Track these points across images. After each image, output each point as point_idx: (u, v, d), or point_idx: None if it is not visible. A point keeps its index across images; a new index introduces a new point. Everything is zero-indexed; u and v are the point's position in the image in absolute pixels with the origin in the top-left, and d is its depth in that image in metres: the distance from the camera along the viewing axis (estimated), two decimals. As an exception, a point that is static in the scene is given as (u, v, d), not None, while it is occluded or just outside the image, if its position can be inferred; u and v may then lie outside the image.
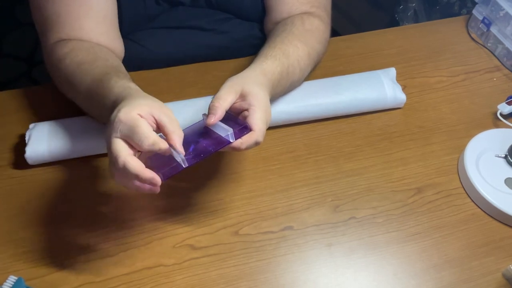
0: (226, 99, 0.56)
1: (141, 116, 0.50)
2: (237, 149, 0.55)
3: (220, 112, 0.55)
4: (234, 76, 0.60)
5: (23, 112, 0.75)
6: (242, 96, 0.57)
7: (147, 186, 0.51)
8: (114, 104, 0.54)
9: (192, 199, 0.66)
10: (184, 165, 0.51)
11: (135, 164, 0.49)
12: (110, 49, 0.70)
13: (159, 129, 0.52)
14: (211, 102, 0.56)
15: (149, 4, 0.76)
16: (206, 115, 0.56)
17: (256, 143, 0.55)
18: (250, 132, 0.55)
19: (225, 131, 0.54)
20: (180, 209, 0.64)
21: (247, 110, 0.57)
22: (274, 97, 0.67)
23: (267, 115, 0.57)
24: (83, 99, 0.65)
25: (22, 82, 1.62)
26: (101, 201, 0.65)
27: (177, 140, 0.51)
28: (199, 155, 0.53)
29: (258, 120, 0.55)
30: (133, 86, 0.58)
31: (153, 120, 0.51)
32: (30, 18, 0.70)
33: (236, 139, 0.54)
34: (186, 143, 0.52)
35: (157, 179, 0.50)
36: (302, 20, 0.73)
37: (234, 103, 0.57)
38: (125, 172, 0.49)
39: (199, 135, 0.57)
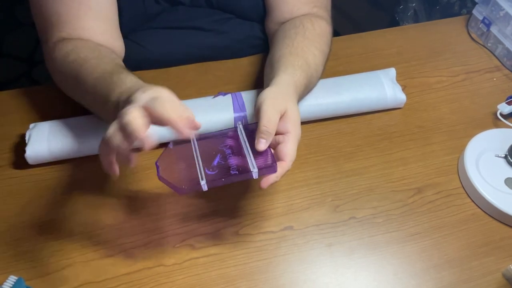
0: (276, 121, 0.54)
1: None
2: (274, 182, 0.54)
3: (272, 138, 0.54)
4: (273, 88, 0.57)
5: (23, 112, 0.75)
6: (282, 117, 0.55)
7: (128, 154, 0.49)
8: (126, 92, 0.53)
9: (192, 199, 0.66)
10: (204, 188, 0.51)
11: (142, 122, 0.46)
12: (110, 49, 0.70)
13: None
14: (261, 124, 0.53)
15: (149, 4, 0.76)
16: (241, 124, 0.55)
17: (289, 168, 0.55)
18: (282, 163, 0.54)
19: (252, 166, 0.53)
20: (180, 209, 0.64)
21: (282, 134, 0.55)
22: (301, 100, 0.67)
23: (298, 138, 0.56)
24: (88, 93, 0.64)
25: (22, 82, 1.62)
26: (101, 201, 0.65)
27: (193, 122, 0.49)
28: (221, 179, 0.52)
29: (291, 151, 0.54)
30: (143, 83, 0.57)
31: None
32: (30, 18, 0.70)
33: (259, 175, 0.53)
34: (212, 149, 0.52)
35: (150, 142, 0.47)
36: (312, 23, 0.72)
37: None
38: (126, 127, 0.46)
39: (228, 147, 0.56)
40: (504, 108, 0.74)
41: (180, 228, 0.63)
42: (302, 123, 0.73)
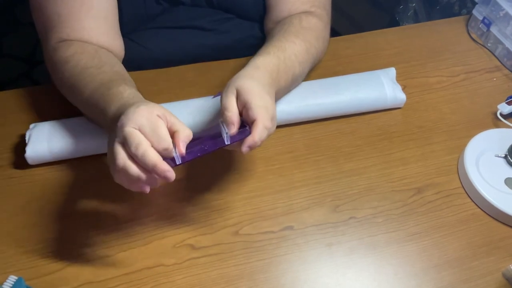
0: (232, 104, 0.55)
1: (159, 117, 0.50)
2: (254, 145, 0.53)
3: (236, 119, 0.54)
4: (230, 79, 0.59)
5: (23, 112, 0.75)
6: (238, 95, 0.56)
7: (153, 181, 0.51)
8: (123, 107, 0.53)
9: (192, 199, 0.66)
10: (178, 161, 0.51)
11: (155, 154, 0.48)
12: (110, 49, 0.70)
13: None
14: (224, 114, 0.55)
15: (149, 4, 0.76)
16: (222, 122, 0.56)
17: (267, 128, 0.54)
18: (256, 122, 0.53)
19: (224, 132, 0.54)
20: (180, 209, 0.64)
21: (245, 107, 0.56)
22: (279, 91, 0.65)
23: (266, 102, 0.55)
24: (85, 102, 0.64)
25: (22, 82, 1.62)
26: (101, 201, 0.65)
27: (183, 139, 0.50)
28: (194, 153, 0.53)
29: (258, 108, 0.54)
30: (141, 96, 0.58)
31: (166, 122, 0.51)
32: (30, 18, 0.70)
33: (235, 140, 0.54)
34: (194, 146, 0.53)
35: (172, 174, 0.49)
36: (299, 18, 0.72)
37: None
38: (142, 162, 0.48)
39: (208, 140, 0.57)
40: (504, 108, 0.74)
41: (180, 228, 0.63)
42: (302, 123, 0.74)
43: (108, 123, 0.55)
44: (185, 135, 0.51)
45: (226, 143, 0.54)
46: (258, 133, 0.53)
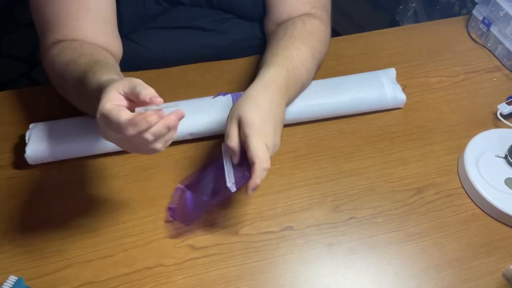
0: (233, 134, 0.57)
1: (115, 102, 0.48)
2: (257, 187, 0.55)
3: (237, 149, 0.57)
4: (234, 103, 0.60)
5: (23, 112, 0.75)
6: (240, 125, 0.58)
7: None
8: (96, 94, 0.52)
9: (192, 199, 0.66)
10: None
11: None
12: (107, 50, 0.70)
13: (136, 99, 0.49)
14: (226, 143, 0.58)
15: (149, 4, 0.76)
16: (225, 144, 0.59)
17: (264, 170, 0.55)
18: (254, 166, 0.55)
19: (229, 181, 0.58)
20: (180, 209, 0.65)
21: (244, 141, 0.57)
22: (290, 100, 0.67)
23: (266, 138, 0.57)
24: (76, 98, 0.65)
25: (22, 82, 1.62)
26: (101, 201, 0.65)
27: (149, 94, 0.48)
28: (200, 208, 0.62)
29: (256, 150, 0.55)
30: (113, 76, 0.55)
31: (126, 97, 0.49)
32: (30, 18, 0.70)
33: (237, 187, 0.57)
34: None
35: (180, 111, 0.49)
36: (303, 21, 0.72)
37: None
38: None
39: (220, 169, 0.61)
40: (504, 108, 0.74)
41: (180, 228, 0.63)
42: (303, 123, 0.74)
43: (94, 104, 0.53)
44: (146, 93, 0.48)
45: (232, 191, 0.57)
46: (257, 176, 0.55)
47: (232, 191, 0.57)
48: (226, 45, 0.83)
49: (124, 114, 0.47)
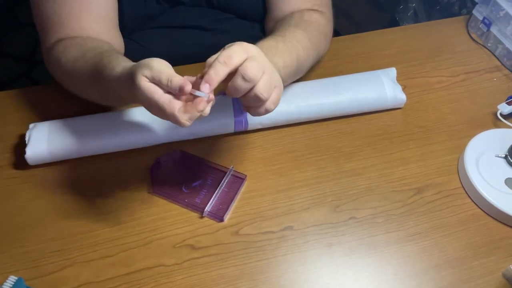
0: (236, 54, 0.56)
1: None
2: (260, 98, 0.52)
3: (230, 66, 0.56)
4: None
5: (23, 112, 0.75)
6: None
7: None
8: (128, 71, 0.53)
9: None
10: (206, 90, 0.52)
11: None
12: None
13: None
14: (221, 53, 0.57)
15: (150, 4, 0.76)
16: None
17: (223, 64, 0.54)
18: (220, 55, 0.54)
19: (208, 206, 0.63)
20: (180, 209, 0.64)
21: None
22: (285, 69, 0.62)
23: (265, 62, 0.54)
24: (90, 91, 0.65)
25: (22, 82, 1.62)
26: (101, 201, 0.65)
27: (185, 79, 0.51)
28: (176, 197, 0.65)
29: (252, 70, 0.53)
30: (127, 63, 0.57)
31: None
32: (30, 18, 0.70)
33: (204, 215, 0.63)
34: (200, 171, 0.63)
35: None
36: (301, 13, 0.72)
37: None
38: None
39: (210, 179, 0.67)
40: (504, 108, 0.74)
41: (180, 228, 0.63)
42: (303, 123, 0.74)
43: (125, 90, 0.54)
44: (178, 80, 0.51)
45: (203, 214, 0.62)
46: (212, 67, 0.53)
47: (202, 215, 0.63)
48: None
49: (175, 104, 0.49)
